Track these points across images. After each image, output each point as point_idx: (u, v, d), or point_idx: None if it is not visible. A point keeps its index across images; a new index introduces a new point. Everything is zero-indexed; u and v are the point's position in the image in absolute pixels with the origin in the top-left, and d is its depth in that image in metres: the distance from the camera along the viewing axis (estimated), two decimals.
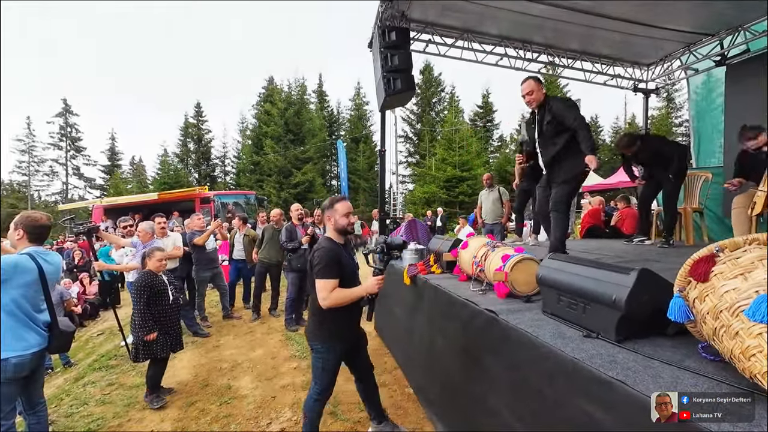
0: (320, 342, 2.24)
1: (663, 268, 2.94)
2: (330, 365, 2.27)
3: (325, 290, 2.09)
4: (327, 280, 2.09)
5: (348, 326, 2.33)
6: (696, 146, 6.60)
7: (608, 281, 1.48)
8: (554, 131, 2.99)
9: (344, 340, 2.32)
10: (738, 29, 5.11)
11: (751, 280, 1.06)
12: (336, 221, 2.24)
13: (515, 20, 5.17)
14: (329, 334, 2.23)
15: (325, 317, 2.18)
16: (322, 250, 2.15)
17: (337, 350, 2.28)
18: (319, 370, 2.27)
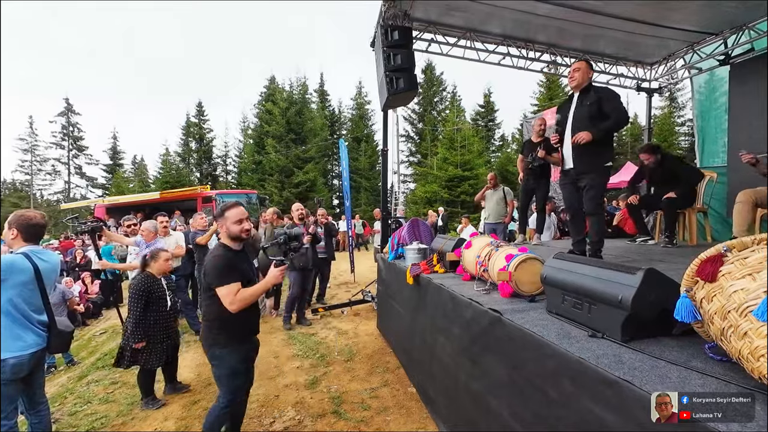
0: (220, 347, 2.18)
1: (667, 268, 2.92)
2: (235, 368, 2.22)
3: (229, 295, 2.06)
4: (228, 285, 2.07)
5: (248, 327, 2.31)
6: (700, 146, 6.58)
7: (614, 281, 1.48)
8: (591, 114, 2.87)
9: (246, 341, 2.30)
10: (742, 28, 5.09)
11: (760, 280, 1.05)
12: (228, 228, 2.21)
13: (519, 19, 5.17)
14: (229, 336, 2.19)
15: (223, 321, 2.15)
16: (214, 258, 2.15)
17: (240, 351, 2.24)
18: (225, 376, 2.20)
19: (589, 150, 2.87)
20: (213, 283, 2.09)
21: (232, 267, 2.14)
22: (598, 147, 2.85)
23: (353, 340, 4.64)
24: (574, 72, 3.02)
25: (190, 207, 13.31)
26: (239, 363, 2.25)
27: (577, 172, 2.99)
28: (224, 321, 2.16)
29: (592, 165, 2.90)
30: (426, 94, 27.10)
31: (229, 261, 2.14)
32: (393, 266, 4.07)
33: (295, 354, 4.25)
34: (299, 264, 5.02)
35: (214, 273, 2.11)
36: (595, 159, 2.89)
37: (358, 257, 10.91)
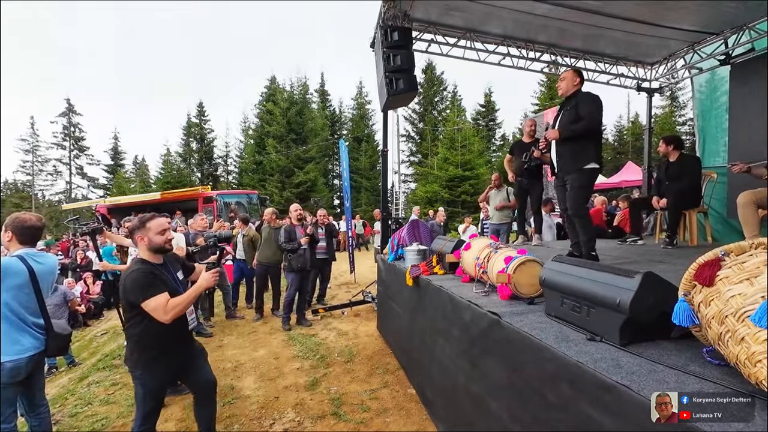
0: (140, 368, 2.10)
1: (667, 269, 2.94)
2: (152, 391, 2.12)
3: (160, 306, 1.98)
4: (156, 297, 1.98)
5: (172, 346, 2.17)
6: (701, 146, 6.56)
7: (612, 284, 1.48)
8: (570, 119, 2.98)
9: (170, 363, 2.18)
10: (743, 28, 5.07)
11: (757, 285, 1.05)
12: (150, 240, 2.12)
13: (519, 19, 5.16)
14: (150, 358, 2.09)
15: (149, 338, 2.07)
16: (134, 273, 2.04)
17: (157, 375, 2.13)
18: (140, 396, 2.11)
19: (567, 152, 3.00)
20: (138, 299, 1.98)
21: (156, 279, 2.06)
22: (575, 149, 2.95)
23: (353, 341, 4.64)
24: (560, 81, 3.14)
25: (191, 207, 13.34)
26: (160, 386, 2.19)
27: (562, 173, 3.11)
28: (148, 340, 2.08)
29: (571, 166, 2.99)
30: (426, 94, 27.08)
31: (151, 274, 2.06)
32: (393, 267, 4.07)
33: (295, 355, 4.26)
34: (297, 265, 5.03)
35: (136, 289, 2.00)
36: (573, 160, 2.97)
37: (358, 257, 10.91)
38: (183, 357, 2.27)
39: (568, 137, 2.95)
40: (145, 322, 2.04)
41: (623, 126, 29.13)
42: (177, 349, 2.21)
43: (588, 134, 2.92)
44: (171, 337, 2.13)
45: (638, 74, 6.70)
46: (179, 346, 2.23)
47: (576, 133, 2.90)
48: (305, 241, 5.04)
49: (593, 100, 2.94)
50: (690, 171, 4.17)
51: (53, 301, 4.92)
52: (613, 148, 29.15)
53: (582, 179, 2.96)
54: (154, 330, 2.04)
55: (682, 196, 4.12)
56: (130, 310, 2.06)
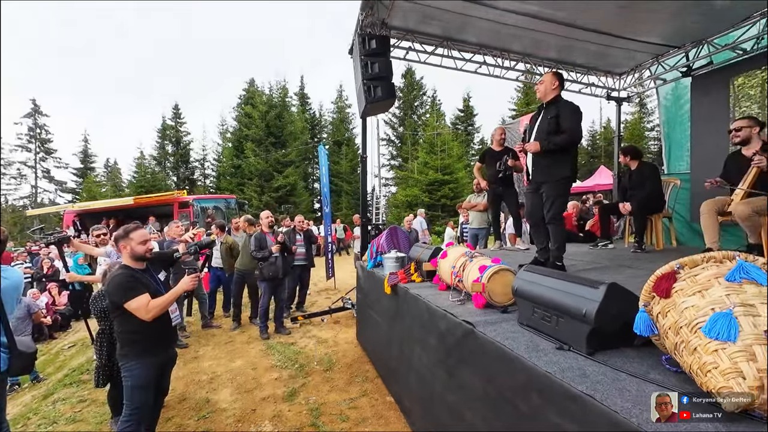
0: (132, 359, 2.28)
1: (635, 274, 3.06)
2: (142, 381, 2.29)
3: (141, 307, 2.19)
4: (138, 298, 2.20)
5: (160, 340, 2.39)
6: (667, 152, 6.85)
7: (579, 295, 1.53)
8: (550, 129, 2.95)
9: (158, 354, 2.38)
10: (702, 42, 5.35)
11: (708, 297, 1.11)
12: (133, 249, 2.34)
13: (494, 29, 5.27)
14: (140, 350, 2.30)
15: (134, 336, 2.28)
16: (116, 277, 2.25)
17: (149, 366, 2.32)
18: (129, 388, 2.28)
19: (544, 161, 2.99)
20: (121, 301, 2.19)
21: (137, 282, 2.27)
22: (554, 159, 2.94)
23: (333, 348, 4.61)
24: (539, 84, 3.13)
25: (166, 213, 12.97)
26: (148, 378, 2.32)
27: (537, 182, 3.10)
28: (135, 335, 2.29)
29: (547, 176, 2.99)
30: (406, 99, 27.31)
31: (132, 277, 2.27)
32: (372, 275, 4.08)
33: (273, 365, 4.19)
34: (268, 273, 4.95)
35: (119, 291, 2.21)
36: (550, 170, 2.97)
37: (339, 262, 10.86)
38: (167, 353, 2.50)
39: (548, 150, 2.93)
40: (131, 320, 2.23)
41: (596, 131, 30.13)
42: (163, 344, 2.44)
43: (568, 147, 2.94)
44: (156, 332, 2.33)
45: (608, 84, 6.96)
46: (165, 341, 2.46)
47: (558, 146, 2.90)
48: (276, 249, 4.97)
49: (575, 111, 2.92)
50: (650, 179, 4.39)
51: (16, 314, 4.68)
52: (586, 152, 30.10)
53: (558, 189, 2.98)
54: (140, 327, 2.24)
55: (645, 203, 4.33)
56: (115, 310, 2.26)
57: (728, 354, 0.97)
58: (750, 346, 0.95)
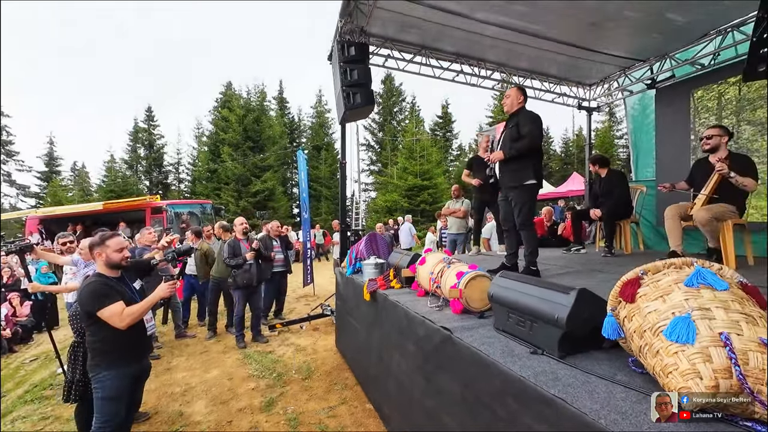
0: (104, 370, 2.22)
1: (605, 278, 3.18)
2: (114, 392, 2.22)
3: (115, 314, 2.15)
4: (110, 306, 2.15)
5: (134, 350, 2.35)
6: (634, 160, 7.17)
7: (551, 300, 1.58)
8: (512, 136, 3.10)
9: (132, 365, 2.33)
10: (665, 57, 5.66)
11: (669, 302, 1.18)
12: (108, 256, 2.31)
13: (470, 39, 5.41)
14: (111, 360, 2.24)
15: (106, 346, 2.23)
16: (90, 285, 2.22)
17: (122, 377, 2.26)
18: (99, 399, 2.22)
19: (509, 168, 3.13)
20: (95, 308, 2.14)
21: (111, 289, 2.22)
22: (517, 166, 3.09)
23: (312, 356, 4.56)
24: (505, 98, 3.29)
25: (138, 218, 12.52)
26: (120, 389, 2.26)
27: (505, 189, 3.24)
28: (107, 345, 2.23)
29: (513, 182, 3.12)
30: (386, 104, 27.51)
31: (106, 285, 2.24)
32: (351, 281, 4.07)
33: (250, 374, 4.11)
34: (242, 281, 4.87)
35: (92, 299, 2.16)
36: (515, 176, 3.10)
37: (318, 268, 10.77)
38: (141, 363, 2.44)
39: (511, 156, 3.09)
40: (104, 329, 2.19)
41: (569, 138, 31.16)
42: (137, 354, 2.39)
43: (529, 153, 3.07)
44: (130, 342, 2.29)
45: (579, 94, 7.24)
46: (139, 351, 2.41)
47: (519, 152, 3.04)
48: (251, 256, 4.90)
49: (534, 119, 3.07)
50: (618, 186, 4.59)
51: None
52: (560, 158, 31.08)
53: (524, 195, 3.10)
54: (114, 336, 2.19)
55: (614, 209, 4.52)
56: (88, 319, 2.21)
57: (687, 356, 1.03)
58: (706, 348, 1.01)
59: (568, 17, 4.62)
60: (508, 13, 4.61)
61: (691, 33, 5.01)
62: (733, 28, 4.76)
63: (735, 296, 1.13)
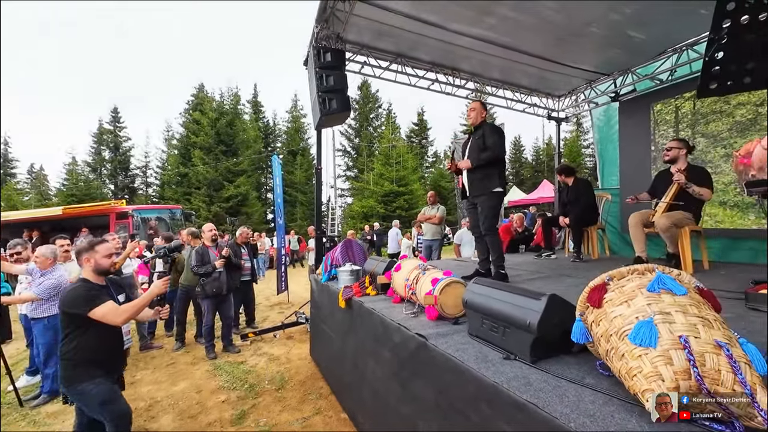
0: (85, 381, 2.19)
1: (574, 282, 3.28)
2: (108, 395, 2.24)
3: (110, 311, 2.18)
4: (104, 305, 2.17)
5: (108, 360, 2.31)
6: (600, 169, 7.49)
7: (523, 306, 1.62)
8: (479, 147, 3.27)
9: (109, 372, 2.32)
10: (627, 71, 5.97)
11: (633, 306, 1.23)
12: (98, 262, 2.33)
13: (444, 49, 5.51)
14: (87, 370, 2.21)
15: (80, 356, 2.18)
16: (75, 289, 2.22)
17: (105, 381, 2.25)
18: (98, 405, 2.21)
19: (476, 177, 3.30)
20: (86, 309, 2.14)
21: (99, 293, 2.24)
22: (484, 175, 3.26)
23: (285, 366, 4.46)
24: (470, 111, 3.45)
25: (102, 224, 11.95)
26: (111, 389, 2.27)
27: (472, 197, 3.39)
28: (85, 354, 2.20)
29: (481, 190, 3.29)
30: (362, 110, 27.60)
31: (93, 289, 2.25)
32: (326, 288, 4.02)
33: (220, 386, 3.97)
34: (211, 290, 4.73)
35: (81, 302, 2.15)
36: (482, 184, 3.27)
37: (293, 275, 10.58)
38: (117, 375, 2.42)
39: (477, 165, 3.26)
40: (80, 337, 2.17)
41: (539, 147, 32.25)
42: (112, 365, 2.36)
43: (494, 162, 3.23)
44: (107, 352, 2.28)
45: (548, 105, 7.52)
46: (115, 363, 2.39)
47: (484, 161, 3.21)
48: (220, 264, 4.76)
49: (497, 131, 3.28)
50: (584, 194, 4.80)
51: None
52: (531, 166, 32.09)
53: (491, 201, 3.26)
54: (90, 345, 2.19)
55: (581, 216, 4.71)
56: (68, 325, 2.19)
57: (650, 359, 1.07)
58: (667, 351, 1.06)
59: (536, 32, 4.81)
60: (480, 26, 4.74)
61: (651, 50, 5.31)
62: (687, 47, 5.09)
63: (693, 300, 1.19)
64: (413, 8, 4.47)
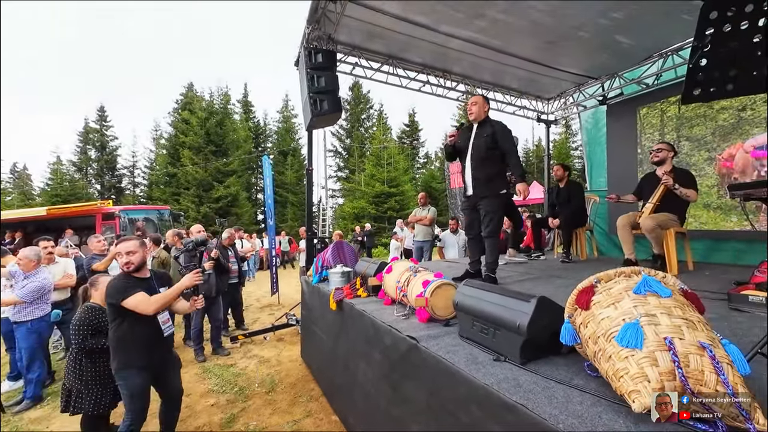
0: (121, 370, 2.40)
1: (563, 283, 3.32)
2: (137, 390, 2.41)
3: (143, 301, 2.32)
4: (135, 295, 2.31)
5: (146, 350, 2.44)
6: (589, 171, 7.60)
7: (513, 308, 1.63)
8: (488, 145, 3.14)
9: (145, 366, 2.45)
10: (615, 75, 6.07)
11: (620, 309, 1.25)
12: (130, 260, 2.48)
13: (435, 51, 5.54)
14: (128, 359, 2.39)
15: (123, 344, 2.38)
16: (114, 281, 2.42)
17: (140, 375, 2.42)
18: (127, 397, 2.41)
19: (482, 177, 3.19)
20: (119, 299, 2.29)
21: (134, 284, 2.39)
22: (491, 175, 3.17)
23: (276, 368, 4.42)
24: (471, 106, 3.31)
25: (88, 225, 11.73)
26: (141, 385, 2.43)
27: (476, 197, 3.26)
28: (125, 343, 2.38)
29: (488, 191, 3.18)
30: (354, 111, 27.56)
31: (128, 281, 2.41)
32: (317, 290, 4.00)
33: (209, 390, 3.92)
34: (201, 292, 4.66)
35: (116, 292, 2.31)
36: (488, 186, 3.18)
37: (283, 276, 10.51)
38: (159, 361, 2.54)
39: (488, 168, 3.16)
40: (123, 326, 2.36)
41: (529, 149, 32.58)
42: (153, 353, 2.47)
43: (503, 163, 3.17)
44: (146, 341, 2.43)
45: (538, 107, 7.60)
46: (155, 350, 2.49)
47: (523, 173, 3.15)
48: (209, 266, 4.70)
49: (509, 130, 3.18)
50: (576, 196, 4.87)
51: None
52: None
53: (496, 204, 3.16)
54: (131, 334, 2.37)
55: (571, 218, 4.78)
56: (112, 314, 2.38)
57: (636, 360, 1.09)
58: (653, 352, 1.08)
59: (526, 35, 4.86)
60: (471, 28, 4.78)
61: (637, 55, 5.41)
62: (672, 52, 5.19)
63: (677, 302, 1.22)
64: (404, 10, 4.48)
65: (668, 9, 4.14)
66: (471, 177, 3.27)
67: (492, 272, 3.27)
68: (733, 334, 1.87)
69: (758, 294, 2.20)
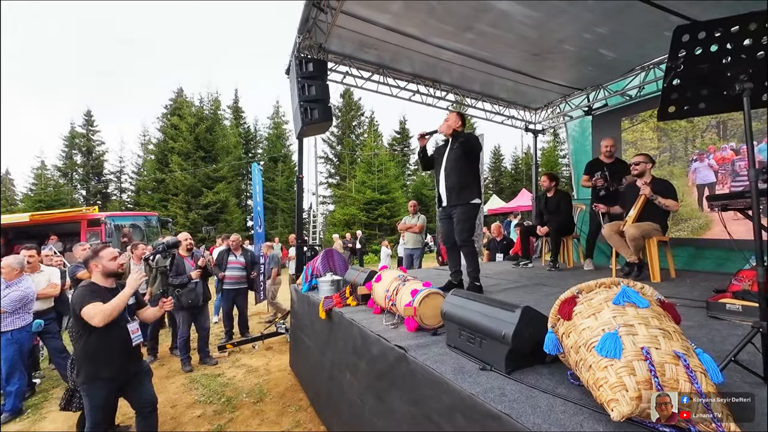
0: (84, 381, 2.40)
1: (549, 291, 3.38)
2: (101, 402, 2.41)
3: (92, 312, 2.28)
4: (92, 304, 2.30)
5: (114, 362, 2.43)
6: (576, 179, 7.74)
7: (498, 318, 1.66)
8: (458, 156, 3.23)
9: (112, 378, 2.44)
10: (599, 87, 6.23)
11: (600, 319, 1.28)
12: (105, 266, 2.49)
13: (426, 61, 5.63)
14: (92, 370, 2.38)
15: (87, 354, 2.37)
16: (81, 289, 2.41)
17: (100, 387, 2.41)
18: (88, 408, 2.42)
19: (455, 187, 3.24)
20: (78, 309, 2.28)
21: (97, 293, 2.38)
22: (466, 184, 3.22)
23: (264, 377, 4.38)
24: (444, 122, 3.40)
25: (72, 231, 11.47)
26: (106, 397, 2.43)
27: (449, 206, 3.31)
28: (88, 353, 2.37)
29: (460, 200, 3.23)
30: (344, 118, 27.67)
31: (93, 290, 2.40)
32: (306, 298, 3.99)
33: (196, 400, 3.86)
34: (187, 301, 4.62)
35: (78, 300, 2.32)
36: (461, 196, 3.22)
37: None
38: (126, 371, 2.51)
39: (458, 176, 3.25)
40: (85, 335, 2.34)
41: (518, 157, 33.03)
42: (118, 363, 2.44)
43: (472, 172, 3.23)
44: (111, 350, 2.40)
45: (526, 117, 7.75)
46: (121, 360, 2.46)
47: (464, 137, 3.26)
48: (197, 275, 4.66)
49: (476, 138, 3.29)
50: (564, 205, 4.97)
51: None
52: (510, 175, 32.80)
53: (468, 213, 3.21)
54: (95, 344, 2.35)
55: (559, 227, 4.86)
56: (76, 323, 2.36)
57: (615, 369, 1.13)
58: (631, 362, 1.12)
59: (513, 47, 4.98)
60: (460, 40, 4.87)
61: (620, 67, 5.57)
62: (654, 66, 5.36)
63: (654, 313, 1.26)
64: (395, 21, 4.56)
65: (649, 26, 4.29)
66: (444, 187, 3.33)
67: (476, 280, 3.30)
68: (711, 341, 1.92)
69: (735, 302, 2.27)
